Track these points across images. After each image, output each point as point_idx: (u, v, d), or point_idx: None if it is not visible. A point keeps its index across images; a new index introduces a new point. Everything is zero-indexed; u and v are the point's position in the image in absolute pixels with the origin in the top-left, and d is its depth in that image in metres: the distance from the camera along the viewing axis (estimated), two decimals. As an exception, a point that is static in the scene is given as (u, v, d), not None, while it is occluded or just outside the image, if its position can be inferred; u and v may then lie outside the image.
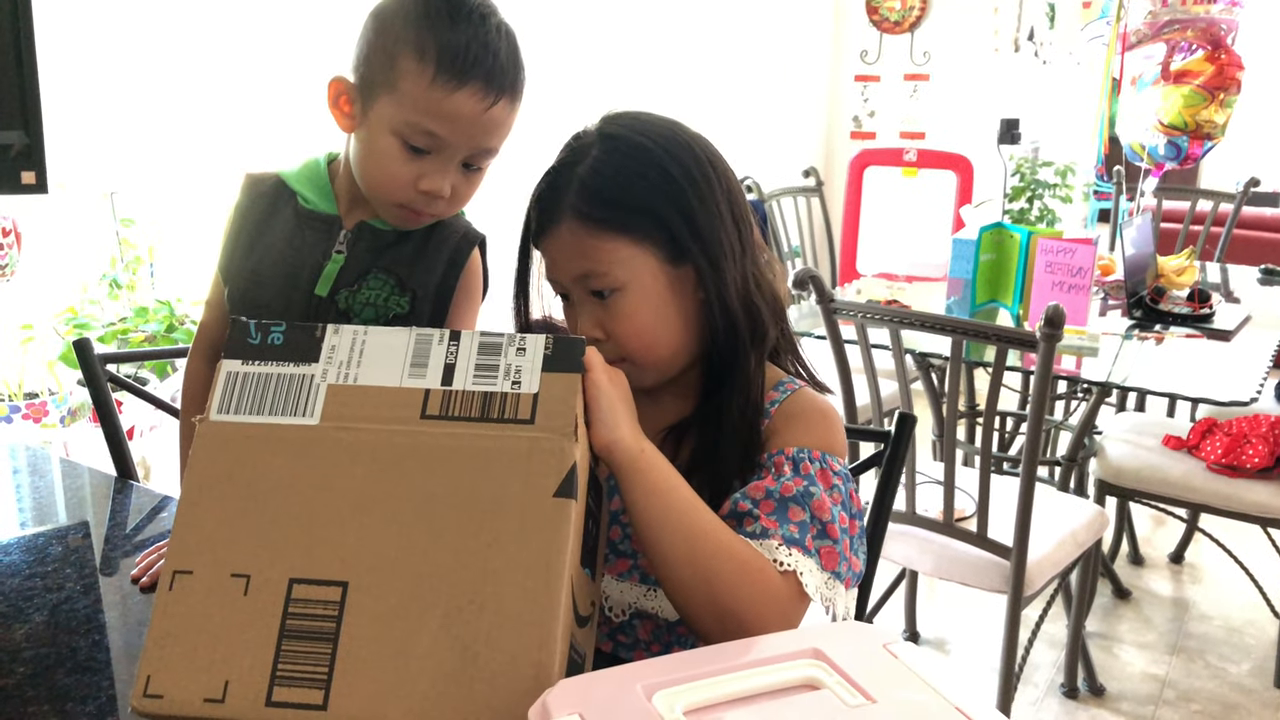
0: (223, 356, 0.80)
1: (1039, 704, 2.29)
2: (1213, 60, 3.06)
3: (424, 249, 1.17)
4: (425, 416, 0.77)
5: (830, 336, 2.08)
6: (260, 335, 0.81)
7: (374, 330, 0.81)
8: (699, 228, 0.95)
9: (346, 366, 0.79)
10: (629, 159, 0.95)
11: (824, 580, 0.89)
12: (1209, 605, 2.76)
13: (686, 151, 0.96)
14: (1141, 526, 3.13)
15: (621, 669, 0.68)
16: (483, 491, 0.74)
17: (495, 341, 0.79)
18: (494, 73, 1.04)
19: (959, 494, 2.02)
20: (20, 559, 1.15)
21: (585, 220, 0.93)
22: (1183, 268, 2.84)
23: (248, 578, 0.73)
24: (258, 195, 1.21)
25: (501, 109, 1.06)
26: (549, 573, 0.71)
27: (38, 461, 1.50)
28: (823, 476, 0.93)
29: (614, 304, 0.95)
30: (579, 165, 0.95)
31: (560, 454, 0.74)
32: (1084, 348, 2.35)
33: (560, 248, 0.95)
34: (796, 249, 3.68)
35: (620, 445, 0.82)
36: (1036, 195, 4.52)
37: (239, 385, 0.79)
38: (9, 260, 2.08)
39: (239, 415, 0.78)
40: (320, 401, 0.78)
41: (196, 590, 0.73)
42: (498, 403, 0.77)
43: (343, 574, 0.72)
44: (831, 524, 0.90)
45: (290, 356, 0.80)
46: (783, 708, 0.65)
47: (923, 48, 4.71)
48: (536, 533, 0.72)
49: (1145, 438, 2.50)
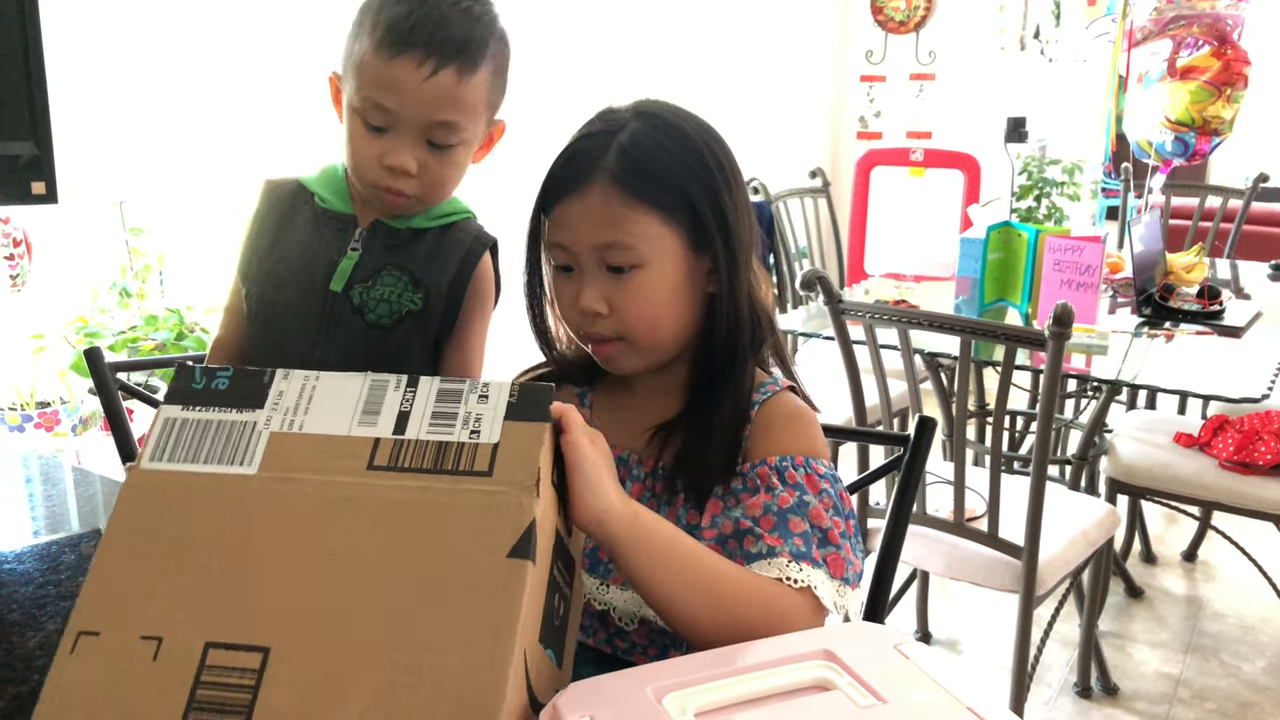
0: (163, 402, 0.76)
1: (1052, 703, 2.29)
2: (1219, 56, 3.05)
3: (438, 248, 1.18)
4: (372, 467, 0.70)
5: (838, 337, 2.08)
6: (205, 380, 0.76)
7: (326, 375, 0.75)
8: (726, 219, 0.94)
9: (293, 413, 0.73)
10: (669, 138, 0.94)
11: (836, 588, 0.89)
12: (1223, 603, 2.75)
13: (719, 144, 0.97)
14: (1154, 525, 3.12)
15: (632, 671, 0.68)
16: (429, 550, 0.66)
17: (455, 388, 0.73)
18: (435, 40, 1.05)
19: (970, 494, 2.02)
20: (33, 567, 1.16)
21: (622, 187, 0.91)
22: (1192, 264, 2.83)
23: (159, 640, 0.65)
24: (277, 199, 1.23)
25: (447, 78, 1.06)
26: (496, 644, 0.62)
27: (50, 470, 1.51)
28: (810, 482, 0.92)
29: (630, 281, 0.93)
30: (618, 134, 0.93)
31: (517, 509, 0.67)
32: (1093, 346, 2.34)
33: (586, 212, 0.92)
34: (804, 250, 3.67)
35: (613, 514, 0.77)
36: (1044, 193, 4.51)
37: (176, 432, 0.73)
38: (20, 270, 2.10)
39: (172, 464, 0.72)
40: (260, 450, 0.72)
41: (100, 654, 0.65)
42: (453, 453, 0.70)
43: (265, 639, 0.64)
44: (831, 530, 0.90)
45: (234, 402, 0.74)
46: (794, 709, 0.65)
47: (928, 47, 4.71)
48: (485, 597, 0.64)
49: (1156, 435, 2.49)
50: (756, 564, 0.88)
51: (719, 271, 0.95)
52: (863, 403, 2.18)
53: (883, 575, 1.22)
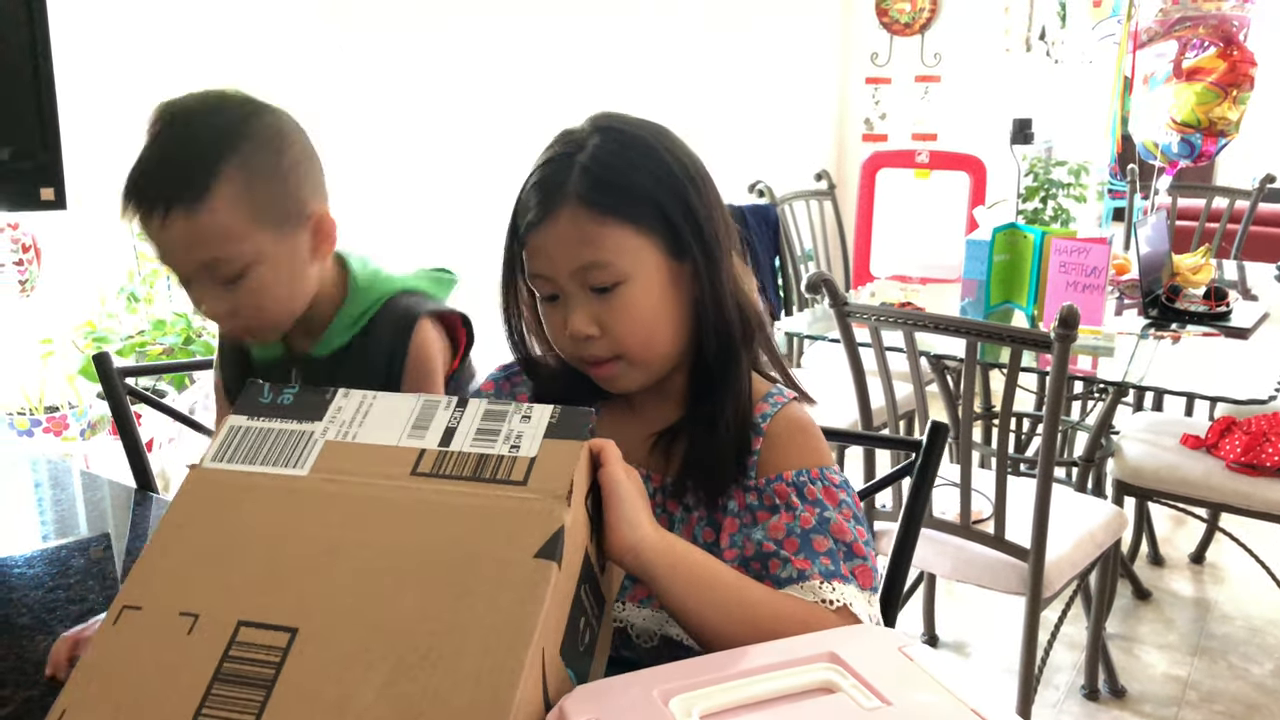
0: (232, 412, 0.82)
1: (1059, 706, 2.28)
2: (1225, 57, 3.05)
3: (362, 359, 1.15)
4: (415, 473, 0.75)
5: (844, 340, 2.08)
6: (272, 395, 0.82)
7: (384, 395, 0.81)
8: (699, 222, 0.94)
9: (348, 425, 0.79)
10: (630, 149, 0.93)
11: (868, 599, 0.89)
12: (1231, 605, 2.74)
13: (681, 149, 0.96)
14: (1161, 527, 3.12)
15: (638, 674, 0.68)
16: (460, 547, 0.70)
17: (501, 409, 0.79)
18: (153, 188, 1.00)
19: (976, 496, 2.02)
20: (43, 571, 1.17)
21: (590, 207, 0.90)
22: (1199, 265, 2.83)
23: (195, 617, 0.69)
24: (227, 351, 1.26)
25: (177, 223, 0.99)
26: (516, 635, 0.65)
27: (58, 474, 1.52)
28: (829, 495, 0.93)
29: (616, 298, 0.92)
30: (578, 155, 0.92)
31: (549, 515, 0.71)
32: (1100, 347, 2.34)
33: (560, 238, 0.91)
34: (809, 252, 3.67)
35: (647, 544, 0.78)
36: (1050, 195, 4.51)
37: (239, 438, 0.79)
38: (29, 275, 2.11)
39: (231, 464, 0.78)
40: (314, 456, 0.77)
41: (139, 627, 0.70)
42: (492, 464, 0.75)
43: (294, 620, 0.68)
44: (856, 542, 0.90)
45: (296, 415, 0.80)
46: (798, 711, 0.65)
47: (933, 49, 4.71)
48: (510, 591, 0.67)
49: (1163, 437, 2.49)
50: (789, 589, 0.88)
51: (699, 274, 0.94)
52: (868, 405, 2.18)
53: (894, 579, 1.22)
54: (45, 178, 1.49)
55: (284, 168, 1.05)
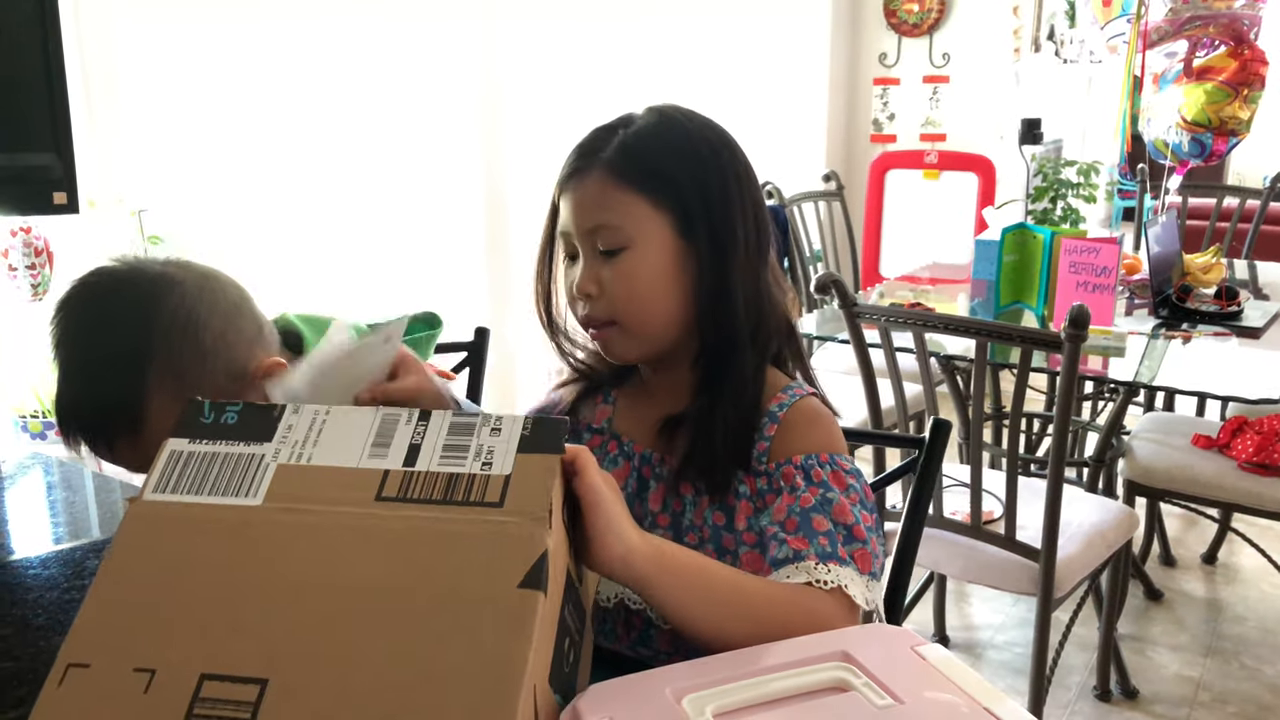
0: (170, 435, 0.74)
1: (1071, 707, 2.28)
2: (1236, 56, 3.04)
3: None
4: (380, 499, 0.69)
5: (853, 340, 2.08)
6: (214, 414, 0.75)
7: (338, 409, 0.75)
8: (713, 209, 0.97)
9: (301, 446, 0.72)
10: (667, 130, 0.99)
11: (865, 584, 0.89)
12: (1243, 606, 2.73)
13: (720, 142, 1.00)
14: (1173, 527, 3.11)
15: (651, 673, 0.69)
16: (436, 581, 0.64)
17: (468, 422, 0.72)
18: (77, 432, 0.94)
19: (986, 497, 2.01)
20: (58, 572, 1.18)
21: (614, 173, 0.96)
22: (1209, 265, 2.82)
23: (152, 673, 0.62)
24: None
25: (123, 450, 0.94)
26: (505, 677, 0.60)
27: (71, 476, 1.53)
28: (836, 479, 0.94)
29: (619, 262, 0.96)
30: (622, 129, 0.99)
31: (530, 540, 0.65)
32: (1110, 347, 2.33)
33: (584, 196, 0.98)
34: (818, 253, 3.67)
35: (636, 552, 0.76)
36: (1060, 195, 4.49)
37: (181, 465, 0.72)
38: (42, 279, 2.12)
39: (176, 495, 0.70)
40: (267, 482, 0.70)
41: (89, 687, 0.62)
42: (464, 485, 0.69)
43: (263, 670, 0.61)
44: (857, 525, 0.91)
45: (242, 436, 0.73)
46: (811, 710, 0.65)
47: (942, 49, 4.70)
48: (496, 628, 0.62)
49: (1174, 437, 2.48)
50: (784, 569, 0.88)
51: (703, 259, 0.97)
52: (878, 406, 2.18)
53: (899, 577, 1.23)
54: (57, 182, 1.50)
55: (207, 348, 0.94)
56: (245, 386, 0.96)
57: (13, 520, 1.37)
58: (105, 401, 0.92)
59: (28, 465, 1.58)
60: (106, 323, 0.94)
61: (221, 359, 0.95)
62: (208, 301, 0.95)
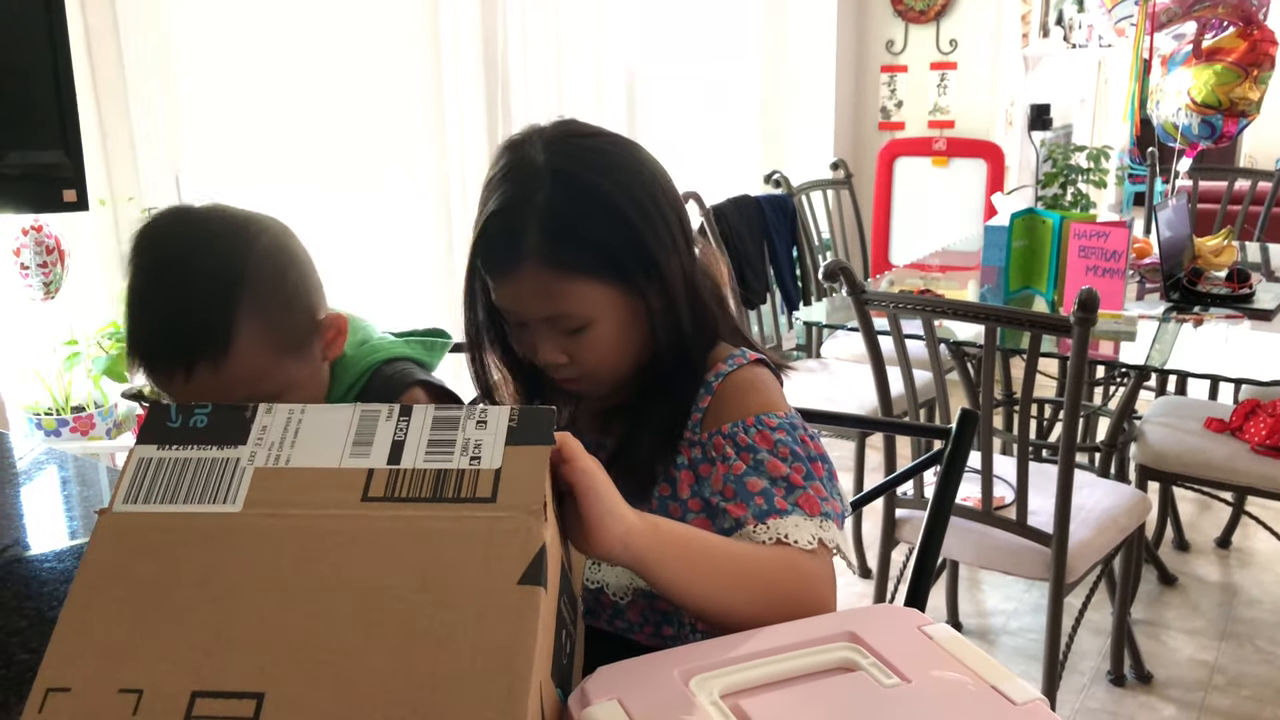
0: (135, 442, 0.71)
1: (1085, 692, 2.27)
2: (1245, 36, 3.02)
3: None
4: (367, 499, 0.65)
5: (862, 328, 2.08)
6: (181, 418, 0.71)
7: (313, 408, 0.71)
8: (655, 263, 0.96)
9: (278, 448, 0.69)
10: (585, 201, 0.93)
11: (817, 524, 0.89)
12: (1258, 589, 2.72)
13: (636, 181, 0.96)
14: (1186, 512, 3.09)
15: (657, 655, 0.69)
16: (432, 581, 0.62)
17: (452, 415, 0.69)
18: (166, 353, 0.95)
19: (997, 482, 2.01)
20: (72, 565, 1.18)
21: (551, 265, 0.92)
22: (1220, 248, 2.80)
23: (139, 694, 0.59)
24: None
25: (204, 375, 0.94)
26: (513, 676, 0.58)
27: (85, 471, 1.54)
28: (763, 439, 0.94)
29: (583, 337, 0.96)
30: (530, 202, 0.92)
31: (526, 535, 0.63)
32: (1121, 332, 2.32)
33: (524, 291, 0.94)
34: (828, 242, 3.66)
35: (635, 533, 0.75)
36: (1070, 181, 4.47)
37: (151, 472, 0.68)
38: (53, 277, 2.13)
39: (148, 505, 0.67)
40: (245, 487, 0.67)
41: (73, 712, 0.59)
42: (453, 481, 0.66)
43: (258, 684, 0.59)
44: (791, 475, 0.92)
45: (214, 439, 0.69)
46: (818, 689, 0.65)
47: (949, 36, 4.68)
48: (496, 628, 0.59)
49: (1187, 421, 2.47)
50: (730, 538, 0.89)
51: (652, 301, 0.97)
52: (888, 394, 2.17)
53: (923, 566, 1.22)
54: (66, 179, 1.50)
55: (289, 290, 0.99)
56: (313, 344, 1.02)
57: (28, 515, 1.38)
58: (197, 320, 0.93)
59: (42, 461, 1.59)
60: (206, 243, 0.96)
61: (299, 304, 0.99)
62: (290, 249, 1.00)
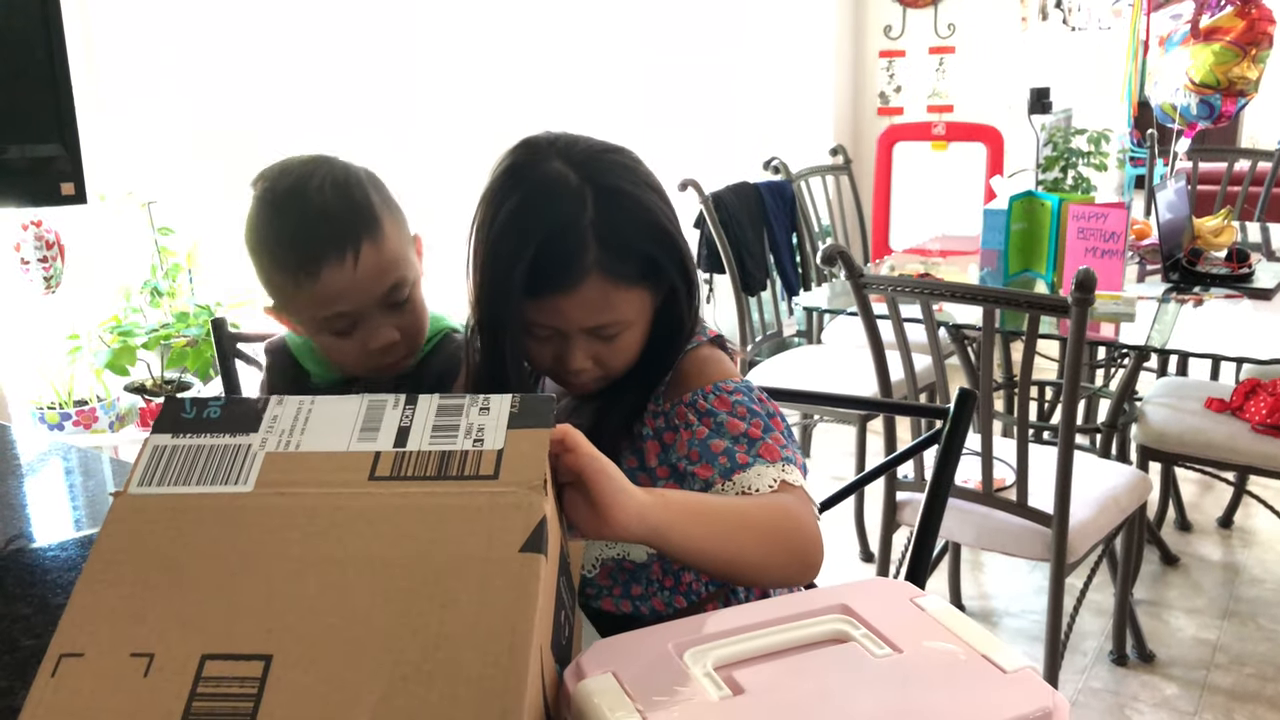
0: (150, 433, 0.73)
1: (1088, 672, 2.28)
2: (1243, 15, 3.01)
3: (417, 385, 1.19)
4: (374, 478, 0.68)
5: (861, 312, 2.08)
6: (195, 410, 0.74)
7: (321, 399, 0.74)
8: (687, 264, 1.02)
9: (289, 434, 0.72)
10: (630, 212, 0.98)
11: (779, 469, 0.93)
12: (1260, 568, 2.72)
13: (658, 189, 1.03)
14: (1188, 492, 3.10)
15: (651, 629, 0.70)
16: (437, 550, 0.64)
17: (456, 403, 0.73)
18: (334, 235, 1.06)
19: (997, 464, 2.02)
20: (76, 554, 1.19)
21: (614, 276, 0.96)
22: (1220, 228, 2.80)
23: (150, 657, 0.61)
24: (279, 372, 1.29)
25: (368, 256, 1.07)
26: (514, 636, 0.60)
27: (89, 463, 1.55)
28: (721, 403, 0.99)
29: (617, 341, 1.00)
30: (583, 219, 0.95)
31: (529, 507, 0.65)
32: (1120, 313, 2.32)
33: (583, 303, 0.97)
34: (827, 228, 3.66)
35: (648, 506, 0.77)
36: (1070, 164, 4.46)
37: (166, 458, 0.71)
38: (54, 272, 2.14)
39: (162, 488, 0.69)
40: (256, 469, 0.70)
41: (85, 676, 0.60)
42: (457, 461, 0.69)
43: (266, 647, 0.61)
44: (750, 429, 0.96)
45: (227, 428, 0.73)
46: (810, 659, 0.66)
47: (947, 20, 4.67)
48: (500, 592, 0.62)
49: (1187, 401, 2.47)
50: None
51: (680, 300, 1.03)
52: (888, 378, 2.18)
53: (923, 543, 1.23)
54: (64, 173, 1.51)
55: (394, 200, 1.16)
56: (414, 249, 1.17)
57: (32, 506, 1.39)
58: (352, 212, 1.08)
59: (46, 455, 1.60)
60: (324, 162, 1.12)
61: (402, 214, 1.16)
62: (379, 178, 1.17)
